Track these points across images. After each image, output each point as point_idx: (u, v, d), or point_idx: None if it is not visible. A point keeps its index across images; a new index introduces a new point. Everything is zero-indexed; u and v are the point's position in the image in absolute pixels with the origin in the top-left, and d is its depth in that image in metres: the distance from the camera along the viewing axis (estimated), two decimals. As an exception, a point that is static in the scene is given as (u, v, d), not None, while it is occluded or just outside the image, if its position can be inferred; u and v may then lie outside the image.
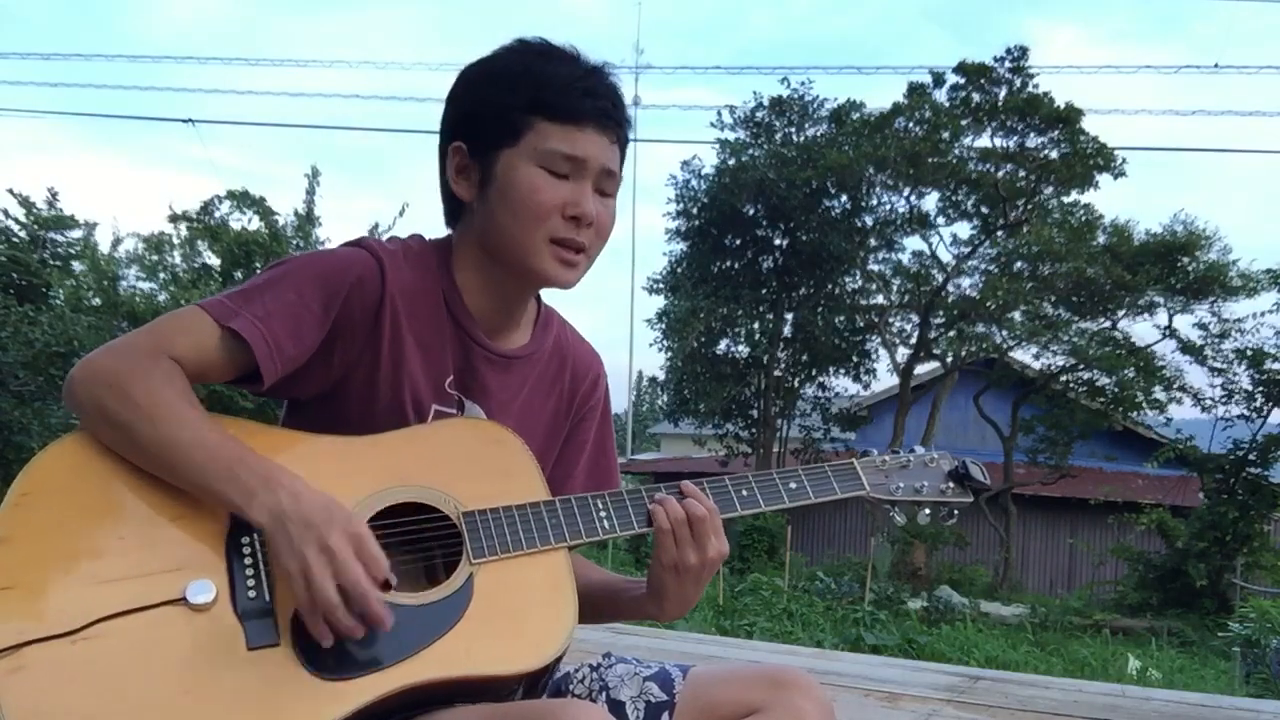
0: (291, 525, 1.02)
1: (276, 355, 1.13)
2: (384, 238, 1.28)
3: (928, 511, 1.36)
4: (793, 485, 1.28)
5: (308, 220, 12.30)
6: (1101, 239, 16.61)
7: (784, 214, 17.79)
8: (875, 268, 18.92)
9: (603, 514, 1.21)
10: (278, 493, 1.04)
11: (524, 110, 1.19)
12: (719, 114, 19.06)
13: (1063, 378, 17.43)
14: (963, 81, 16.51)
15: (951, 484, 1.36)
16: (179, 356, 1.11)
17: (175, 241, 12.55)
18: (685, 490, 1.22)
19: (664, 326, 18.84)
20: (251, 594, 1.03)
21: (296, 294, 1.15)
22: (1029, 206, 17.07)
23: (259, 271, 1.22)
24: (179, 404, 1.08)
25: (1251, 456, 14.12)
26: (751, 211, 18.18)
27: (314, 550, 1.00)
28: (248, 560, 1.06)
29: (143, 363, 1.09)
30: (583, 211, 1.20)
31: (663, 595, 1.22)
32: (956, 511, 1.37)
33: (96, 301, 11.76)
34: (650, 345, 21.31)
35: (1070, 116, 15.87)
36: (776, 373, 19.06)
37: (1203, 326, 15.48)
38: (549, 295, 1.38)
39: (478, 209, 1.24)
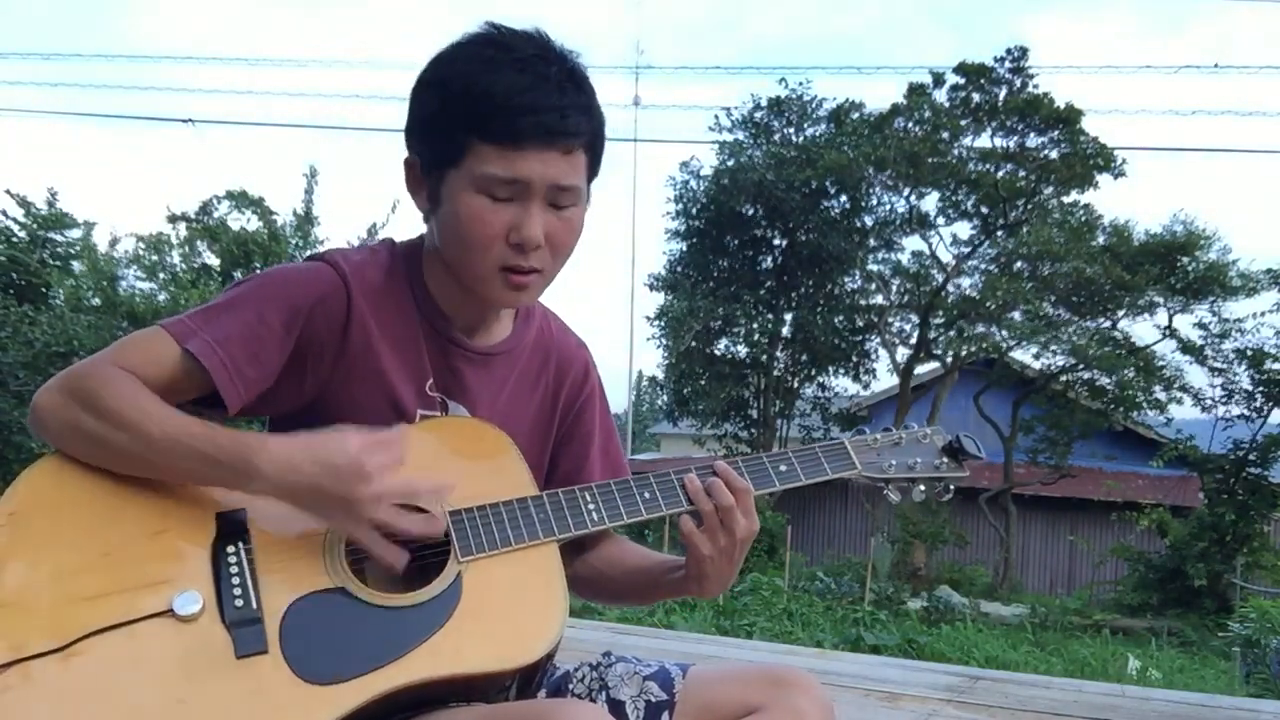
0: (301, 497, 1.07)
1: (237, 380, 1.12)
2: (352, 246, 1.28)
3: (922, 489, 1.33)
4: (783, 468, 1.27)
5: (306, 220, 12.30)
6: (1101, 239, 16.62)
7: (783, 214, 17.80)
8: (875, 268, 18.92)
9: (591, 507, 1.20)
10: (262, 469, 1.06)
11: (463, 130, 1.12)
12: (717, 117, 19.10)
13: (1063, 378, 17.43)
14: (962, 82, 16.52)
15: (946, 459, 1.34)
16: (139, 374, 1.10)
17: (174, 241, 12.55)
18: (718, 470, 1.22)
19: (662, 324, 18.85)
20: (239, 603, 1.03)
21: (257, 315, 1.14)
22: (1029, 206, 17.08)
23: (226, 287, 1.21)
24: (144, 403, 1.08)
25: (1251, 456, 14.13)
26: (750, 212, 18.18)
27: (346, 516, 1.06)
28: (234, 569, 1.05)
29: (101, 373, 1.09)
30: (525, 237, 1.14)
31: (701, 577, 1.24)
32: (953, 488, 1.35)
33: (96, 301, 11.75)
34: (648, 340, 21.27)
35: (1070, 116, 15.88)
36: (776, 373, 19.06)
37: (1203, 326, 15.48)
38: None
39: (433, 225, 1.23)
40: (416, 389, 1.24)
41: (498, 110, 1.10)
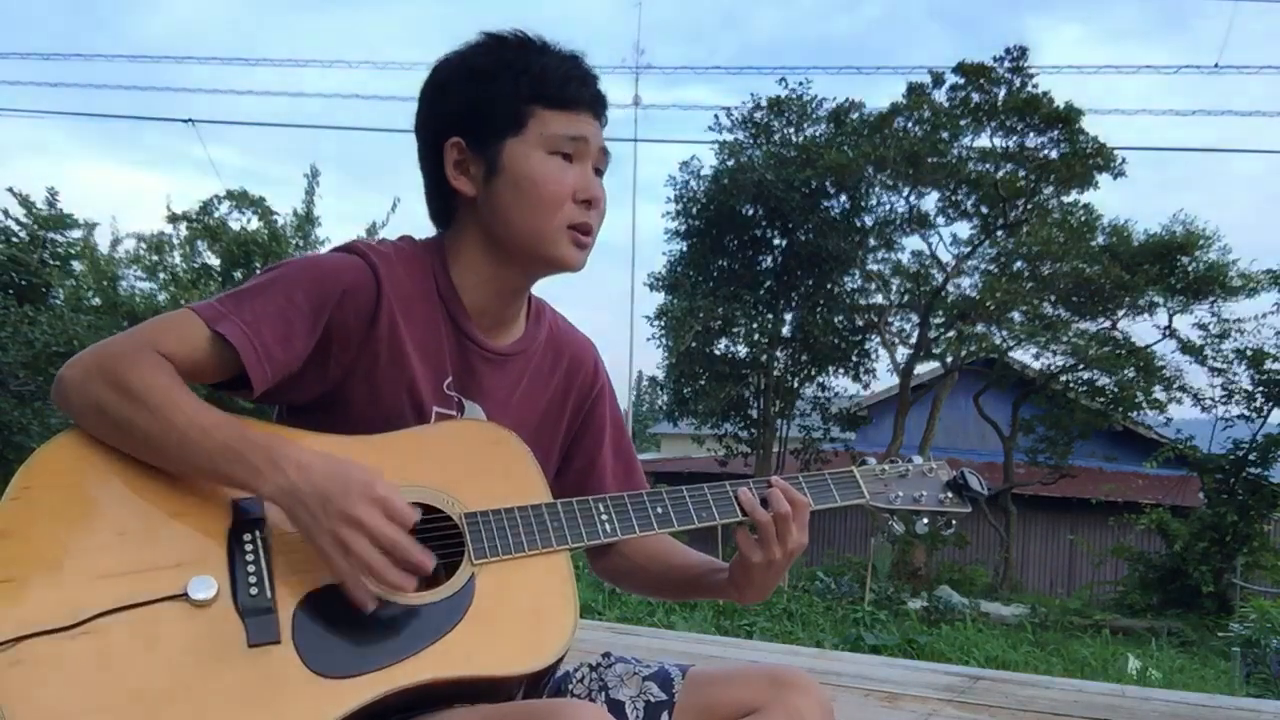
0: (309, 502, 1.03)
1: (265, 361, 1.12)
2: (376, 239, 1.28)
3: (926, 521, 1.38)
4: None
5: (307, 220, 12.29)
6: (1101, 239, 16.61)
7: (783, 214, 17.79)
8: (874, 267, 18.91)
9: (604, 517, 1.22)
10: (284, 468, 1.04)
11: (525, 100, 1.22)
12: (716, 117, 19.08)
13: (1063, 378, 17.42)
14: (962, 82, 16.50)
15: (950, 493, 1.38)
16: (168, 354, 1.11)
17: (175, 242, 12.54)
18: (774, 483, 1.25)
19: (662, 324, 18.84)
20: (253, 591, 1.03)
21: (287, 299, 1.15)
22: (1029, 206, 17.06)
23: (256, 273, 1.22)
24: (173, 390, 1.08)
25: (1251, 457, 14.10)
26: (750, 212, 18.16)
27: (340, 524, 1.02)
28: (249, 557, 1.05)
29: (133, 354, 1.09)
30: (593, 195, 1.25)
31: (745, 584, 1.28)
32: (955, 521, 1.39)
33: (96, 301, 11.74)
34: (648, 340, 21.28)
35: (1070, 116, 15.85)
36: (776, 373, 19.04)
37: (1203, 326, 15.46)
38: (547, 286, 1.38)
39: (482, 202, 1.24)
40: (435, 386, 1.25)
41: (559, 80, 1.24)
